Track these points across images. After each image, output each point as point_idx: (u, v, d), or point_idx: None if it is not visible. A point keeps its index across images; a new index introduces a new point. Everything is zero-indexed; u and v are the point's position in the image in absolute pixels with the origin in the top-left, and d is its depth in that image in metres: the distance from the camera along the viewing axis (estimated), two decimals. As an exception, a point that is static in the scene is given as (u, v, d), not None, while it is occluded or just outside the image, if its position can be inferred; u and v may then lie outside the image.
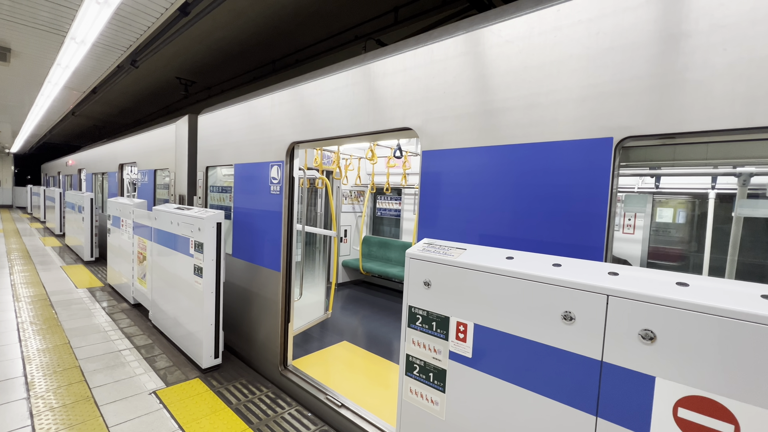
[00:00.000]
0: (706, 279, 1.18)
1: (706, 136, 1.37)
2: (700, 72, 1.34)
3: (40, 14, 4.50)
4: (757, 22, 1.24)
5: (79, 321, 4.70)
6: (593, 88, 1.57)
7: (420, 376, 1.74)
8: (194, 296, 3.61)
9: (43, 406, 2.87)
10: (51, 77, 6.99)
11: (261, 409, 2.99)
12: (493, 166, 1.87)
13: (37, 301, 5.38)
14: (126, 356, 3.79)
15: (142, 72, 8.23)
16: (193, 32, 6.09)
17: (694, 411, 1.06)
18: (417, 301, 1.75)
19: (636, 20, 1.47)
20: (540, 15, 1.73)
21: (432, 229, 2.15)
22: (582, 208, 1.60)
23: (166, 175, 5.70)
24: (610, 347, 1.20)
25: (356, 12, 5.26)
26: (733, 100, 1.28)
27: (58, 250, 9.61)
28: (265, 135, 3.50)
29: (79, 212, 8.44)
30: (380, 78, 2.46)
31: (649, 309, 1.13)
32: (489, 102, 1.89)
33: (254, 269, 3.66)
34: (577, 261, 1.44)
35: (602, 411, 1.23)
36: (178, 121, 5.23)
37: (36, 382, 3.20)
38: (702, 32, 1.33)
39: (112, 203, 6.25)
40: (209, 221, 3.41)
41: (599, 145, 1.55)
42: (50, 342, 4.01)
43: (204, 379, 3.41)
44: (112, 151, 8.30)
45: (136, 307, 5.46)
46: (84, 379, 3.30)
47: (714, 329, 1.03)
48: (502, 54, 1.85)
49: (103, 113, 13.02)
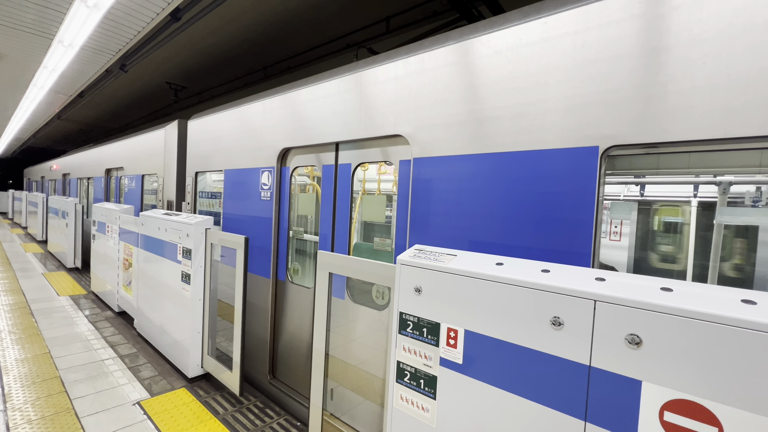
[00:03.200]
0: (689, 284, 1.21)
1: (687, 146, 1.41)
2: (681, 84, 1.38)
3: (27, 17, 4.44)
4: (733, 37, 1.29)
5: (61, 330, 4.56)
6: (579, 98, 1.61)
7: (410, 383, 1.73)
8: (181, 303, 3.54)
9: (21, 418, 2.76)
10: (37, 80, 6.87)
11: (249, 419, 2.93)
12: (483, 174, 1.90)
13: (17, 309, 5.21)
14: (109, 366, 3.69)
15: (132, 76, 8.14)
16: (183, 38, 6.07)
17: (679, 414, 1.08)
18: (407, 307, 1.75)
19: (620, 33, 1.52)
20: (527, 27, 1.78)
21: (422, 236, 2.16)
22: (569, 215, 1.63)
23: (154, 180, 5.62)
24: (597, 352, 1.22)
25: (348, 20, 5.32)
26: (711, 111, 1.33)
27: (40, 256, 9.35)
28: (256, 141, 3.48)
29: (63, 218, 8.24)
30: (372, 86, 2.48)
31: (635, 314, 1.15)
32: (478, 110, 1.92)
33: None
34: (566, 267, 1.46)
35: (591, 415, 1.24)
36: (167, 126, 5.18)
37: (13, 393, 3.09)
38: (682, 46, 1.39)
39: (98, 209, 6.13)
40: (198, 227, 3.37)
41: (586, 154, 1.59)
42: (29, 351, 3.88)
43: (190, 389, 3.33)
44: (99, 156, 8.15)
45: (121, 315, 5.32)
46: (64, 389, 3.19)
47: (697, 333, 1.05)
48: (491, 64, 1.89)
49: (90, 117, 12.81)
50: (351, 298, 2.76)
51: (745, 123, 1.27)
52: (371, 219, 3.06)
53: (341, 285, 2.79)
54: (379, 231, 3.42)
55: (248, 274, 3.54)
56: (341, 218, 2.88)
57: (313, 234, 3.50)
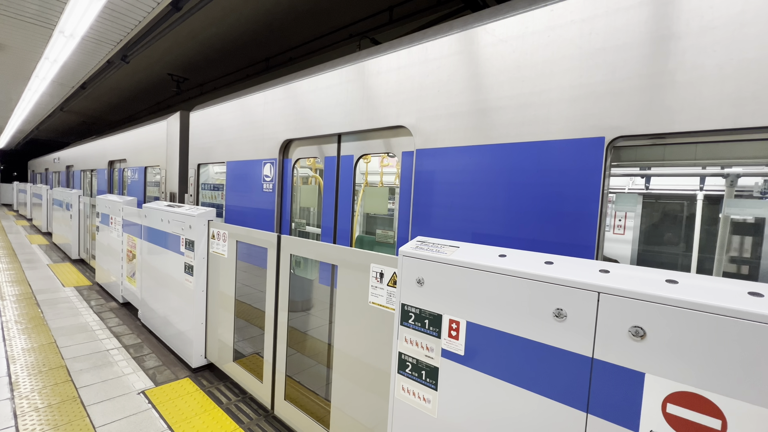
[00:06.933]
0: (695, 276, 1.20)
1: (695, 137, 1.39)
2: (690, 73, 1.35)
3: (28, 6, 4.41)
4: (745, 24, 1.26)
5: (66, 320, 4.61)
6: (585, 87, 1.58)
7: (412, 374, 1.74)
8: (184, 295, 3.56)
9: (28, 406, 2.80)
10: (39, 71, 6.85)
11: (252, 409, 2.96)
12: (486, 165, 1.88)
13: (23, 299, 5.26)
14: (114, 356, 3.73)
15: (133, 68, 8.11)
16: (185, 28, 6.02)
17: (682, 407, 1.07)
18: (409, 298, 1.74)
19: (628, 21, 1.48)
20: (534, 15, 1.74)
21: (425, 228, 2.15)
22: (574, 207, 1.61)
23: (156, 172, 5.62)
24: (600, 344, 1.21)
25: (351, 10, 5.25)
26: (721, 101, 1.30)
27: (45, 248, 9.42)
28: (258, 132, 3.47)
29: (67, 210, 8.29)
30: (374, 76, 2.45)
31: (640, 306, 1.14)
32: (482, 101, 1.90)
33: (245, 267, 3.62)
34: (569, 259, 1.45)
35: (592, 407, 1.24)
36: (169, 117, 5.16)
37: (20, 382, 3.13)
38: (692, 34, 1.35)
39: (101, 200, 6.15)
40: (200, 219, 3.37)
41: (591, 145, 1.57)
42: (36, 341, 3.93)
43: (194, 379, 3.36)
44: (102, 148, 8.16)
45: (125, 306, 5.37)
46: (70, 378, 3.23)
47: (702, 326, 1.04)
48: (495, 53, 1.86)
49: (92, 109, 12.81)
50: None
51: (756, 113, 1.24)
52: (374, 211, 3.05)
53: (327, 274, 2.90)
54: (382, 223, 3.41)
55: (250, 266, 3.55)
56: (344, 210, 2.87)
57: (316, 226, 3.50)
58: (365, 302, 2.10)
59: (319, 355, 2.84)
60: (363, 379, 2.14)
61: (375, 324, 2.07)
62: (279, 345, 2.72)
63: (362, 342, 2.13)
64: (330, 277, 2.87)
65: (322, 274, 3.01)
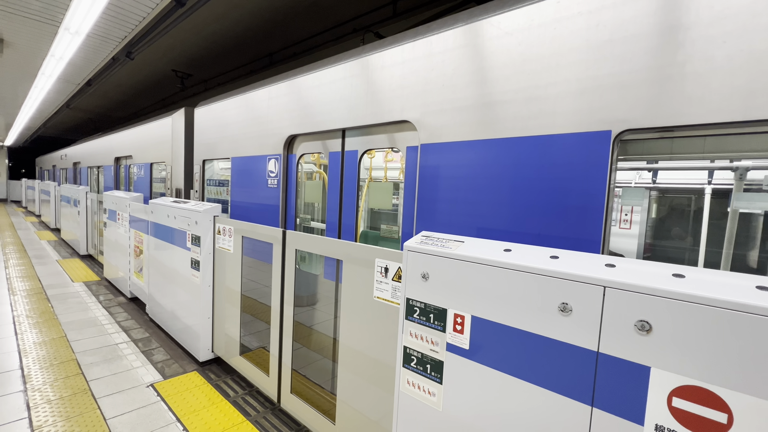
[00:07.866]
0: (702, 271, 1.19)
1: (704, 129, 1.37)
2: (699, 64, 1.33)
3: (33, 4, 4.43)
4: (757, 14, 1.23)
5: (76, 314, 4.68)
6: (592, 80, 1.56)
7: (417, 367, 1.75)
8: (191, 290, 3.60)
9: (40, 398, 2.86)
10: (45, 69, 6.90)
11: (259, 402, 3.00)
12: (491, 159, 1.87)
13: (33, 294, 5.35)
14: (123, 349, 3.79)
15: (138, 64, 8.14)
16: (188, 24, 6.02)
17: (688, 400, 1.07)
18: (414, 293, 1.75)
19: (636, 12, 1.46)
20: (540, 7, 1.72)
21: (429, 223, 2.15)
22: (580, 202, 1.60)
23: (162, 168, 5.66)
24: (606, 338, 1.21)
25: (354, 4, 5.21)
26: (731, 93, 1.28)
27: (54, 243, 9.55)
28: (263, 128, 3.47)
29: (75, 206, 8.38)
30: (378, 70, 2.44)
31: (646, 300, 1.13)
32: (488, 95, 1.88)
33: (251, 263, 3.65)
34: (575, 253, 1.44)
35: (597, 401, 1.24)
36: (174, 114, 5.18)
37: (33, 374, 3.19)
38: (702, 24, 1.33)
39: (108, 197, 6.21)
40: (206, 214, 3.40)
41: (597, 139, 1.55)
42: (47, 335, 4.00)
43: (202, 372, 3.41)
44: (108, 145, 8.22)
45: (133, 300, 5.44)
46: (81, 371, 3.29)
47: (709, 320, 1.04)
48: (501, 46, 1.84)
49: (98, 106, 12.89)
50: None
51: (767, 105, 1.22)
52: (378, 206, 3.05)
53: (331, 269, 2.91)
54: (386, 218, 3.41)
55: (255, 261, 3.58)
56: (348, 206, 2.87)
57: (320, 222, 3.51)
58: (370, 297, 2.11)
59: (325, 350, 2.87)
60: (368, 373, 2.16)
61: (380, 318, 2.08)
62: (285, 339, 2.75)
63: (367, 336, 2.15)
64: (335, 272, 2.88)
65: (327, 269, 3.02)
